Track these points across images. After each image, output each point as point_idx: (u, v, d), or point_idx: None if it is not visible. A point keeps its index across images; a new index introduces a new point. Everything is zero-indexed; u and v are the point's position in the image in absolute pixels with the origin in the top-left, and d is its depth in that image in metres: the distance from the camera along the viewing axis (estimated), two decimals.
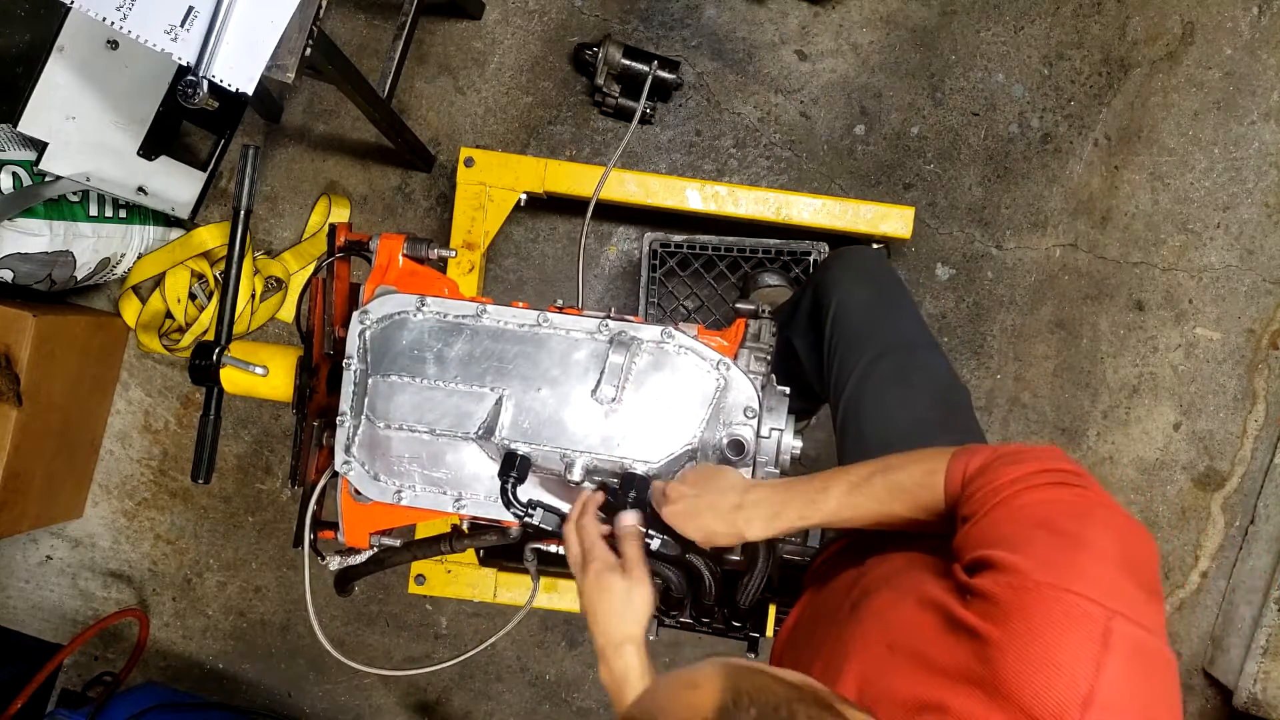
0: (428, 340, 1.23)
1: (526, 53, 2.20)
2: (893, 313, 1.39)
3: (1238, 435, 2.17)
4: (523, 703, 2.30)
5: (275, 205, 2.25)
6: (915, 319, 1.41)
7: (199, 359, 1.33)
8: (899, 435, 1.26)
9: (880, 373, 1.32)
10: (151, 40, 1.36)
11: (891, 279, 1.45)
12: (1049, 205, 2.17)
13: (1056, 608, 0.74)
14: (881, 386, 1.31)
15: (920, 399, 1.31)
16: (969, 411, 1.34)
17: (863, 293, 1.39)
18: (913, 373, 1.32)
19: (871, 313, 1.38)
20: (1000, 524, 0.86)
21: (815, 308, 1.44)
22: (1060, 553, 0.79)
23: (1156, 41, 2.16)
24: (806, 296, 1.48)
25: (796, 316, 1.50)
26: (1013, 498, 0.87)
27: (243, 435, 2.28)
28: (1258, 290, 2.15)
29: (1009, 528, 0.84)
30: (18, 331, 1.96)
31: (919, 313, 1.45)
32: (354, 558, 1.33)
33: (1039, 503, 0.86)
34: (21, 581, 2.34)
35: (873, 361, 1.33)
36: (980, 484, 0.91)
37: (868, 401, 1.32)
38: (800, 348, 1.48)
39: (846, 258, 1.48)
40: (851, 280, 1.41)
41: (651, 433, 1.19)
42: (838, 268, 1.45)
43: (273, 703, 2.34)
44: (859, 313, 1.37)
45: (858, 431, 1.31)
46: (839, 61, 2.18)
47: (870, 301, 1.39)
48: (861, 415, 1.32)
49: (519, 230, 2.23)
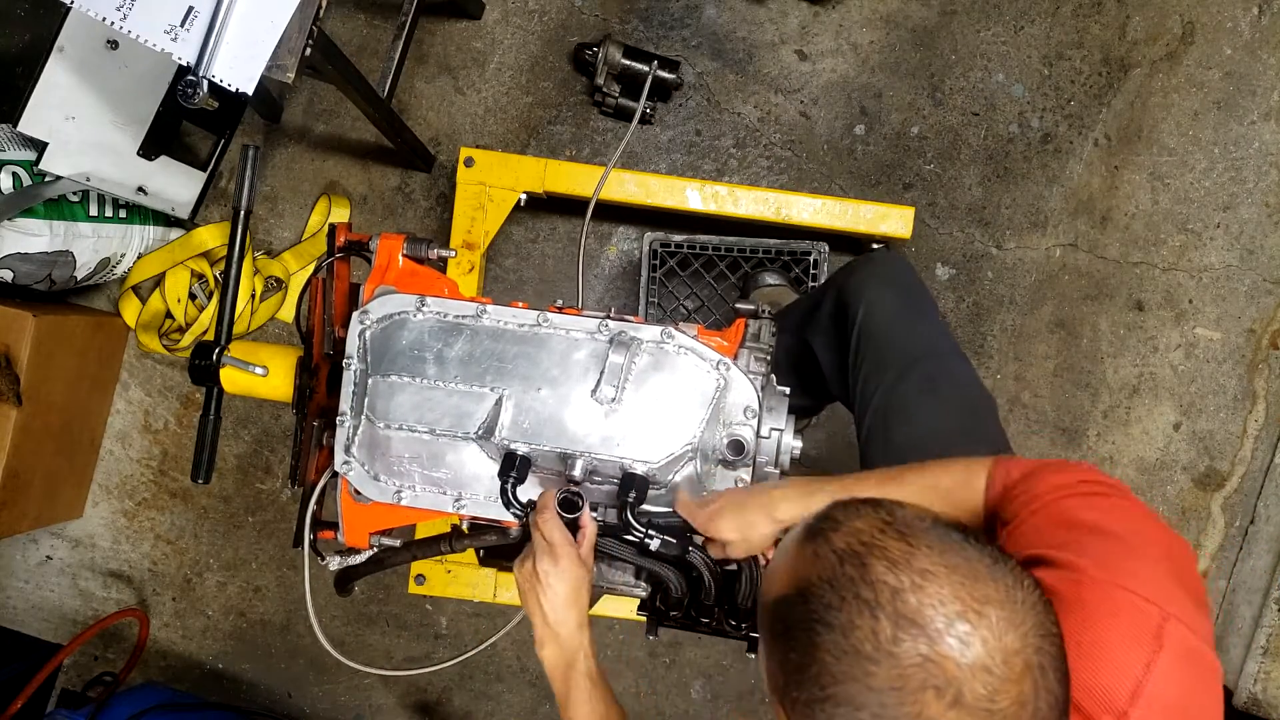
0: (428, 340, 1.23)
1: (526, 53, 2.20)
2: (920, 321, 1.39)
3: (1238, 435, 2.17)
4: (523, 703, 2.30)
5: (275, 205, 2.25)
6: (942, 327, 1.42)
7: (199, 359, 1.33)
8: (929, 444, 1.26)
9: (910, 382, 1.32)
10: (151, 40, 1.36)
11: (918, 286, 1.45)
12: (1049, 205, 2.17)
13: (1114, 603, 0.76)
14: (911, 396, 1.32)
15: (950, 409, 1.32)
16: (996, 421, 1.35)
17: (890, 301, 1.39)
18: (942, 383, 1.33)
19: (899, 321, 1.38)
20: (1049, 527, 0.87)
21: (839, 312, 1.44)
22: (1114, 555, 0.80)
23: (1156, 41, 2.16)
24: (828, 300, 1.47)
25: (816, 319, 1.49)
26: (1057, 502, 0.89)
27: (243, 435, 2.28)
28: (1258, 290, 2.15)
29: (1060, 531, 0.85)
30: (18, 331, 1.96)
31: (944, 320, 1.45)
32: (354, 558, 1.33)
33: (1086, 509, 0.88)
34: (21, 581, 2.34)
35: (902, 371, 1.33)
36: (1024, 489, 0.93)
37: (896, 411, 1.33)
38: (820, 351, 1.48)
39: (873, 263, 1.47)
40: (879, 287, 1.40)
41: (651, 433, 1.19)
42: (864, 273, 1.44)
43: (273, 703, 2.34)
44: (887, 321, 1.37)
45: (886, 440, 1.33)
46: (839, 61, 2.18)
47: (898, 310, 1.39)
48: (890, 424, 1.33)
49: (519, 230, 2.23)
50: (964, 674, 0.62)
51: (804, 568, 0.71)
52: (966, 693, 0.62)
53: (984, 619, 0.64)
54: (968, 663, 0.63)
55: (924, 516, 0.71)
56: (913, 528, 0.69)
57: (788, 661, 0.69)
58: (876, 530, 0.70)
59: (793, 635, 0.69)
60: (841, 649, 0.65)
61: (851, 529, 0.71)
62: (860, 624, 0.65)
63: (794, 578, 0.71)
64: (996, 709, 0.62)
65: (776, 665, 0.71)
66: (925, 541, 0.68)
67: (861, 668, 0.64)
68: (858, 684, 0.64)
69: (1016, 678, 0.63)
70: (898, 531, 0.69)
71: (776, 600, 0.72)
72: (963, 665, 0.62)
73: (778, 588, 0.72)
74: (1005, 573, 0.68)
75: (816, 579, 0.69)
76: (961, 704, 0.62)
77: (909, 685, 0.63)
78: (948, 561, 0.67)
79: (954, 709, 0.62)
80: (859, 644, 0.65)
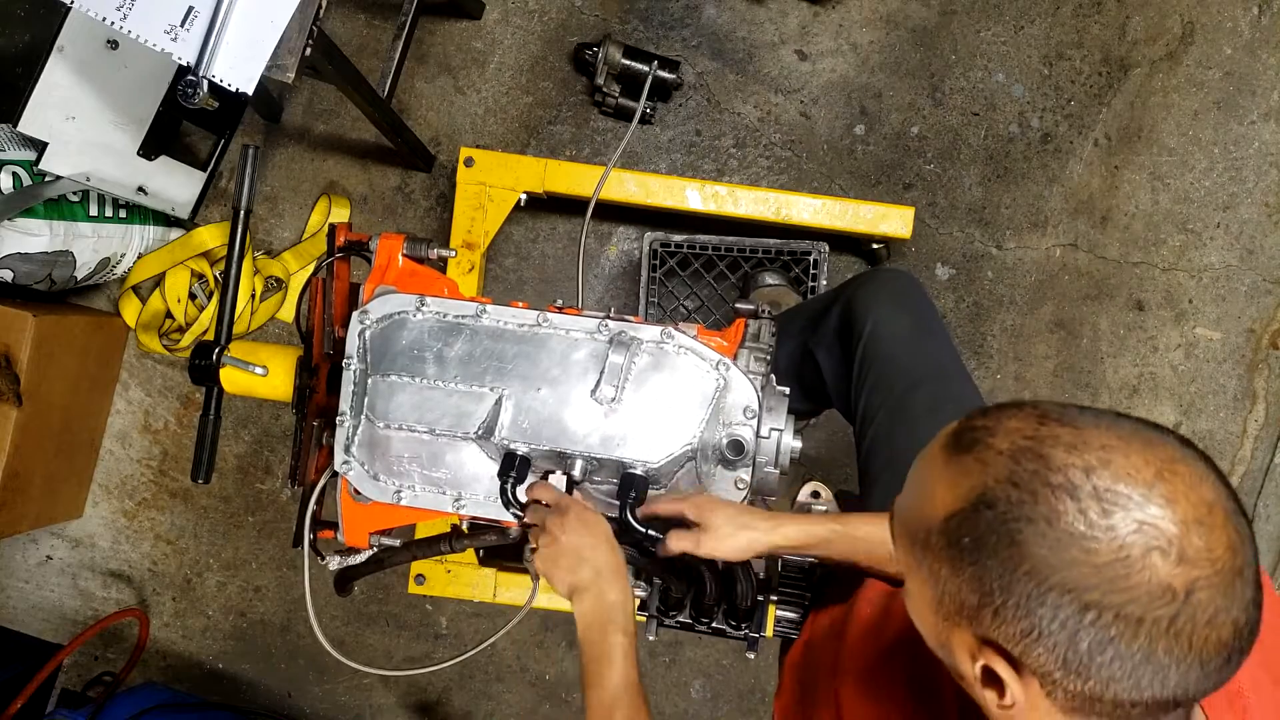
0: (427, 340, 1.23)
1: (526, 53, 2.20)
2: (928, 342, 1.39)
3: (1238, 435, 2.17)
4: (523, 703, 2.30)
5: (275, 205, 2.25)
6: (949, 348, 1.42)
7: (199, 359, 1.33)
8: None
9: (914, 403, 1.33)
10: (151, 40, 1.36)
11: (926, 305, 1.44)
12: (1049, 205, 2.17)
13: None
14: (914, 416, 1.32)
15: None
16: None
17: (899, 321, 1.39)
18: (946, 404, 1.33)
19: (907, 342, 1.38)
20: None
21: (845, 327, 1.43)
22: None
23: (1156, 41, 2.16)
24: (834, 312, 1.46)
25: (821, 330, 1.48)
26: None
27: (243, 435, 2.28)
28: (1258, 290, 2.15)
29: None
30: (18, 331, 1.96)
31: (952, 340, 1.45)
32: (354, 558, 1.33)
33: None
34: (21, 581, 2.34)
35: (907, 391, 1.34)
36: None
37: (899, 430, 1.33)
38: (824, 361, 1.48)
39: (882, 280, 1.46)
40: (887, 305, 1.40)
41: (651, 433, 1.19)
42: (873, 289, 1.44)
43: (273, 703, 2.34)
44: (894, 341, 1.37)
45: (889, 458, 1.33)
46: (839, 61, 2.18)
47: (906, 330, 1.38)
48: (893, 443, 1.33)
49: (519, 230, 2.23)
50: (1180, 530, 0.63)
51: (972, 478, 0.69)
52: (1188, 548, 0.63)
53: (1177, 476, 0.65)
54: (1180, 519, 0.63)
55: (1068, 404, 0.71)
56: (1069, 413, 0.69)
57: (985, 572, 0.67)
58: (1036, 423, 0.69)
59: (985, 544, 0.67)
60: (1054, 538, 0.64)
61: (1009, 429, 0.69)
62: (1064, 509, 0.64)
63: (963, 491, 0.69)
64: (1215, 557, 0.64)
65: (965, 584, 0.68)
66: (1088, 422, 0.68)
67: (1081, 548, 0.64)
68: (1081, 566, 0.64)
69: (1222, 525, 0.65)
70: (1057, 420, 0.69)
71: (948, 519, 0.70)
72: (1176, 523, 0.63)
73: (941, 508, 0.70)
74: (1168, 434, 0.69)
75: (994, 482, 0.67)
76: (1186, 559, 0.63)
77: (1134, 553, 0.63)
78: (1119, 433, 0.67)
79: (1180, 565, 0.63)
80: (1070, 527, 0.64)
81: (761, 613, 1.30)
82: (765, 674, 2.24)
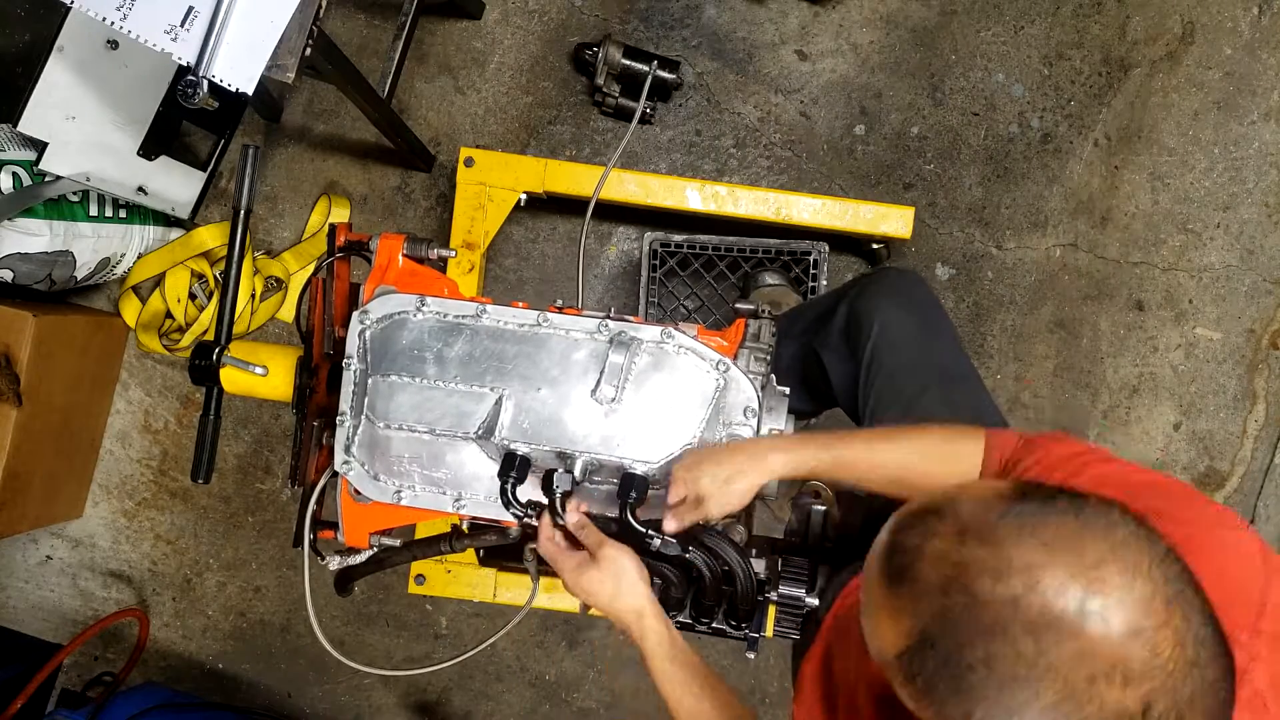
0: (428, 340, 1.23)
1: (526, 53, 2.20)
2: (936, 344, 1.39)
3: (1238, 435, 2.17)
4: (523, 703, 2.30)
5: (275, 205, 2.25)
6: (957, 349, 1.42)
7: (199, 359, 1.33)
8: None
9: (923, 406, 1.32)
10: (151, 40, 1.36)
11: (934, 307, 1.44)
12: (1049, 205, 2.17)
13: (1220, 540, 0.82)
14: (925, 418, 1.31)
15: None
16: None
17: (907, 323, 1.38)
18: (960, 407, 1.33)
19: (915, 344, 1.37)
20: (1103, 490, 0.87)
21: (852, 327, 1.43)
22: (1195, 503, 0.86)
23: (1156, 41, 2.16)
24: (840, 313, 1.45)
25: (827, 331, 1.48)
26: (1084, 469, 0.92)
27: (243, 435, 2.28)
28: (1258, 290, 2.15)
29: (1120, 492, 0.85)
30: (18, 331, 1.96)
31: (959, 341, 1.45)
32: (354, 558, 1.33)
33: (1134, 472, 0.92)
34: (21, 581, 2.34)
35: (915, 395, 1.33)
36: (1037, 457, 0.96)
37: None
38: (830, 363, 1.47)
39: (889, 280, 1.46)
40: (895, 307, 1.39)
41: (651, 433, 1.19)
42: (880, 289, 1.43)
43: (273, 703, 2.34)
44: (902, 343, 1.37)
45: None
46: (839, 61, 2.18)
47: (914, 332, 1.38)
48: None
49: (519, 230, 2.23)
50: (1120, 647, 0.61)
51: (909, 615, 0.68)
52: (1133, 664, 0.61)
53: (1107, 583, 0.62)
54: (1118, 635, 0.61)
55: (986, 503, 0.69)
56: (988, 527, 0.67)
57: (946, 708, 0.67)
58: (957, 543, 0.67)
59: (936, 687, 0.67)
60: (995, 684, 0.63)
61: (933, 554, 0.68)
62: (1001, 653, 0.63)
63: (905, 628, 0.68)
64: (1163, 661, 0.61)
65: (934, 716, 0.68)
66: (1009, 534, 0.66)
67: (1026, 692, 0.62)
68: (1030, 708, 0.62)
69: (1164, 620, 0.62)
70: (976, 538, 0.67)
71: (899, 656, 0.69)
72: (1114, 640, 0.61)
73: (891, 645, 0.70)
74: (1093, 516, 0.66)
75: (930, 622, 0.66)
76: (1133, 678, 0.61)
77: (1077, 687, 0.61)
78: (1040, 539, 0.65)
79: (1128, 686, 0.61)
80: (1010, 671, 0.63)
81: (761, 613, 1.30)
82: (765, 674, 2.24)
